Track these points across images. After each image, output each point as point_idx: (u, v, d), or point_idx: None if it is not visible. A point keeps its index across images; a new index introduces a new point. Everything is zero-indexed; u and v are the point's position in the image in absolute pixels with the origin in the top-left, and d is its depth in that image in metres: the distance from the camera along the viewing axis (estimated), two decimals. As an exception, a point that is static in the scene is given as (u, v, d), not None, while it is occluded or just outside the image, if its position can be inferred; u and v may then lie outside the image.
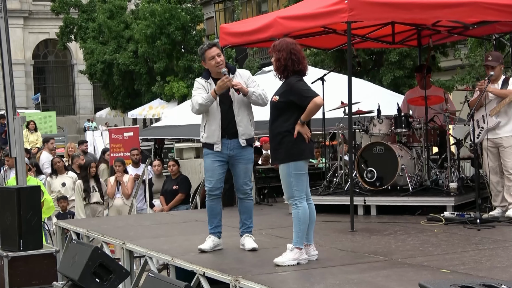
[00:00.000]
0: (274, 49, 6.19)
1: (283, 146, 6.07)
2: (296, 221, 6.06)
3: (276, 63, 6.16)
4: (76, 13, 35.26)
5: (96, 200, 11.92)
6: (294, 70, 6.13)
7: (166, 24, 27.97)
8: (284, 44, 6.16)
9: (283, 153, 6.08)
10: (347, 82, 8.08)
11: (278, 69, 6.18)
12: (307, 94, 6.05)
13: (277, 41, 6.28)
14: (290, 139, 6.04)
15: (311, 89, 6.14)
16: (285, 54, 6.10)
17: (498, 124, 8.20)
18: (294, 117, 6.06)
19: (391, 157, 9.21)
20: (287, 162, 6.07)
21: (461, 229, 7.68)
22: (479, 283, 4.00)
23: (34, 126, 21.44)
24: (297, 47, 6.19)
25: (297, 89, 6.08)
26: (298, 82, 6.13)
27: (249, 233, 6.87)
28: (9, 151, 9.33)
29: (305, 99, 6.02)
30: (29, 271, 7.25)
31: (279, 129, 6.10)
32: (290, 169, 6.07)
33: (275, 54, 6.16)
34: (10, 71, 8.43)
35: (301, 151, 6.07)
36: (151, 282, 5.07)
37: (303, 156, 6.10)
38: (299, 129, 6.04)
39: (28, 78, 46.05)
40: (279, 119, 6.13)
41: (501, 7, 8.43)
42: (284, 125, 6.08)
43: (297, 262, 5.98)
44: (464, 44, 19.93)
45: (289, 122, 6.07)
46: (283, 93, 6.14)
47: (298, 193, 6.09)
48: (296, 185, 6.08)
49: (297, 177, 6.08)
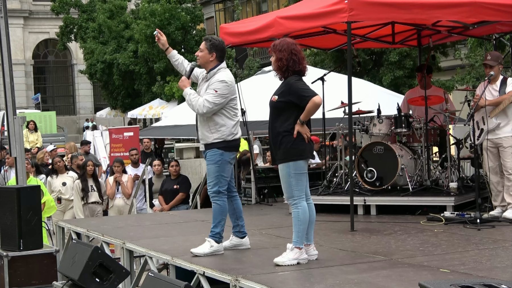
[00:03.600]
0: (275, 49, 6.17)
1: (283, 146, 6.07)
2: (296, 221, 6.06)
3: (278, 63, 6.14)
4: (76, 13, 35.29)
5: (94, 199, 11.91)
6: (295, 70, 6.13)
7: (166, 24, 27.98)
8: (285, 44, 6.15)
9: (282, 153, 6.08)
10: (347, 82, 8.08)
11: (280, 69, 6.16)
12: (306, 94, 6.04)
13: (278, 41, 6.27)
14: (290, 139, 6.03)
15: (310, 89, 6.13)
16: (287, 54, 6.10)
17: (498, 126, 8.21)
18: (294, 116, 6.05)
19: (391, 157, 9.21)
20: (286, 162, 6.07)
21: (461, 229, 7.68)
22: (479, 283, 3.99)
23: (34, 126, 21.45)
24: (298, 47, 6.19)
25: (296, 89, 6.07)
26: (297, 81, 6.13)
27: (210, 236, 6.65)
28: (9, 151, 9.34)
29: (304, 98, 6.02)
30: (29, 271, 7.25)
31: (279, 129, 6.10)
32: (289, 169, 6.07)
33: (277, 54, 6.15)
34: (10, 71, 8.42)
35: (301, 151, 6.07)
36: (151, 281, 5.07)
37: (302, 156, 6.10)
38: (299, 129, 6.03)
39: (28, 78, 46.07)
40: (278, 119, 6.13)
41: (501, 7, 8.43)
42: (283, 125, 6.07)
43: (297, 261, 5.99)
44: (464, 44, 19.96)
45: (289, 122, 6.06)
46: (282, 93, 6.13)
47: (298, 193, 6.09)
48: (296, 185, 6.08)
49: (297, 177, 6.07)
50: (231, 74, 6.79)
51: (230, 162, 6.72)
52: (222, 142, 6.62)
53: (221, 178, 6.63)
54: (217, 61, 6.71)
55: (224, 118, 6.64)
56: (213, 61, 6.72)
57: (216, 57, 6.71)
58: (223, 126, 6.62)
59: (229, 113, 6.67)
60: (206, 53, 6.72)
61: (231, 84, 6.66)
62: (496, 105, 8.20)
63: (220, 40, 6.85)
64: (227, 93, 6.61)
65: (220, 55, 6.74)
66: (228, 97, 6.63)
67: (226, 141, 6.63)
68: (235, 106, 6.74)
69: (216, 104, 6.56)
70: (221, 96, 6.57)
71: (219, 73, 6.67)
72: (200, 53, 6.76)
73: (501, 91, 8.26)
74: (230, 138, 6.65)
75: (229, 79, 6.66)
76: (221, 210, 6.65)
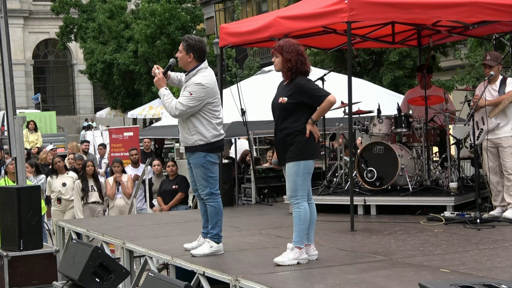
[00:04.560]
0: (282, 50, 6.10)
1: (294, 145, 6.03)
2: (297, 221, 6.06)
3: (287, 64, 6.07)
4: (76, 13, 35.28)
5: (94, 199, 11.90)
6: (302, 71, 6.09)
7: (166, 24, 27.98)
8: (292, 45, 6.11)
9: (294, 151, 6.04)
10: (347, 82, 8.08)
11: (289, 70, 6.08)
12: (320, 94, 6.04)
13: (282, 41, 6.19)
14: (302, 139, 6.02)
15: (322, 88, 6.14)
16: (295, 55, 6.06)
17: (498, 126, 8.21)
18: (304, 117, 6.04)
19: (391, 157, 9.21)
20: (297, 160, 6.03)
21: (461, 229, 7.68)
22: (479, 283, 3.99)
23: (34, 126, 21.44)
24: (302, 47, 6.17)
25: (308, 89, 6.05)
26: (308, 82, 6.11)
27: (209, 237, 6.63)
28: (9, 151, 9.34)
29: (317, 98, 6.01)
30: (29, 271, 7.25)
31: (289, 129, 6.06)
32: (299, 168, 6.03)
33: (284, 55, 6.08)
34: (10, 71, 8.42)
35: (312, 151, 6.07)
36: (151, 281, 5.07)
37: (313, 156, 6.10)
38: (311, 129, 6.03)
39: (28, 78, 46.06)
40: (288, 119, 6.09)
41: (501, 7, 8.43)
42: (294, 126, 6.05)
43: (297, 261, 5.99)
44: (464, 44, 19.95)
45: (299, 122, 6.04)
46: (292, 94, 6.07)
47: (302, 192, 6.07)
48: (302, 184, 6.05)
49: (304, 176, 6.06)
50: (212, 76, 6.57)
51: (216, 162, 6.62)
52: (204, 145, 6.50)
53: (210, 179, 6.55)
54: (196, 62, 6.51)
55: (202, 121, 6.48)
56: (191, 62, 6.53)
57: (194, 58, 6.51)
58: (202, 128, 6.47)
59: (208, 115, 6.49)
60: (184, 54, 6.54)
61: (208, 86, 6.45)
62: (495, 105, 8.20)
63: (197, 39, 6.58)
64: (203, 96, 6.42)
65: (198, 55, 6.51)
66: (205, 100, 6.44)
67: (209, 143, 6.50)
68: (215, 108, 6.53)
69: (190, 107, 6.40)
70: (196, 99, 6.39)
71: (197, 75, 6.49)
72: (179, 54, 6.59)
73: (500, 91, 8.26)
74: (212, 140, 6.51)
75: (206, 81, 6.46)
76: (216, 211, 6.60)
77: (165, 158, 19.29)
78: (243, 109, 10.49)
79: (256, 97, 11.68)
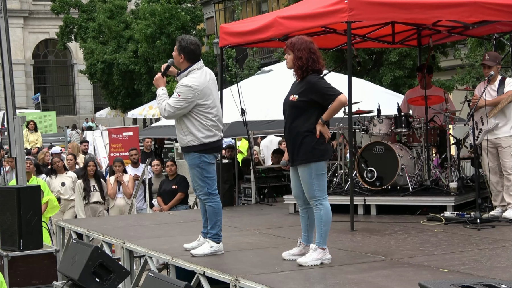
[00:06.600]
0: (294, 47, 6.03)
1: (303, 147, 5.95)
2: (318, 222, 6.00)
3: (298, 61, 6.00)
4: (76, 13, 35.27)
5: (96, 199, 11.90)
6: (314, 69, 6.01)
7: (166, 24, 27.96)
8: (304, 43, 6.02)
9: (303, 153, 5.96)
10: (347, 82, 8.07)
11: (300, 68, 6.01)
12: (331, 93, 5.93)
13: (294, 38, 6.11)
14: (312, 139, 5.93)
15: (333, 87, 5.97)
16: (306, 53, 5.98)
17: (497, 126, 8.21)
18: (315, 116, 5.95)
19: (391, 157, 9.21)
20: (308, 163, 5.95)
21: (461, 229, 7.69)
22: (479, 283, 3.99)
23: (34, 126, 21.45)
24: (315, 45, 6.07)
25: (319, 88, 5.95)
26: (320, 80, 6.01)
27: (209, 237, 6.63)
28: (9, 151, 9.33)
29: (328, 97, 5.92)
30: (29, 271, 7.25)
31: (299, 129, 5.97)
32: (311, 170, 5.96)
33: (295, 52, 6.00)
34: (10, 71, 8.42)
35: (323, 151, 5.98)
36: (151, 281, 5.06)
37: (324, 157, 6.01)
38: (321, 129, 5.94)
39: (28, 78, 46.09)
40: (299, 118, 5.99)
41: (501, 7, 8.43)
42: (304, 125, 5.96)
43: (320, 262, 5.96)
44: (464, 44, 19.93)
45: (310, 121, 5.95)
46: (303, 92, 5.98)
47: (320, 193, 6.00)
48: (318, 185, 5.98)
49: (318, 177, 5.98)
50: (203, 77, 6.53)
51: (211, 163, 6.60)
52: (197, 146, 6.49)
53: (207, 179, 6.55)
54: (188, 63, 6.52)
55: (194, 122, 6.47)
56: (183, 63, 6.55)
57: (185, 59, 6.52)
58: (193, 129, 6.47)
59: (199, 117, 6.47)
60: (177, 54, 6.58)
61: (197, 88, 6.42)
62: (494, 105, 8.20)
63: (189, 41, 6.56)
64: (191, 98, 6.40)
65: (189, 57, 6.51)
66: (193, 102, 6.42)
67: (202, 144, 6.48)
68: (207, 110, 6.49)
69: (178, 108, 6.41)
70: (184, 101, 6.39)
71: (187, 76, 6.50)
72: (174, 54, 6.63)
73: (499, 91, 8.27)
74: (205, 140, 6.49)
75: (195, 83, 6.43)
76: (215, 211, 6.59)
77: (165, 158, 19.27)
78: (243, 109, 10.49)
79: (256, 97, 11.67)
